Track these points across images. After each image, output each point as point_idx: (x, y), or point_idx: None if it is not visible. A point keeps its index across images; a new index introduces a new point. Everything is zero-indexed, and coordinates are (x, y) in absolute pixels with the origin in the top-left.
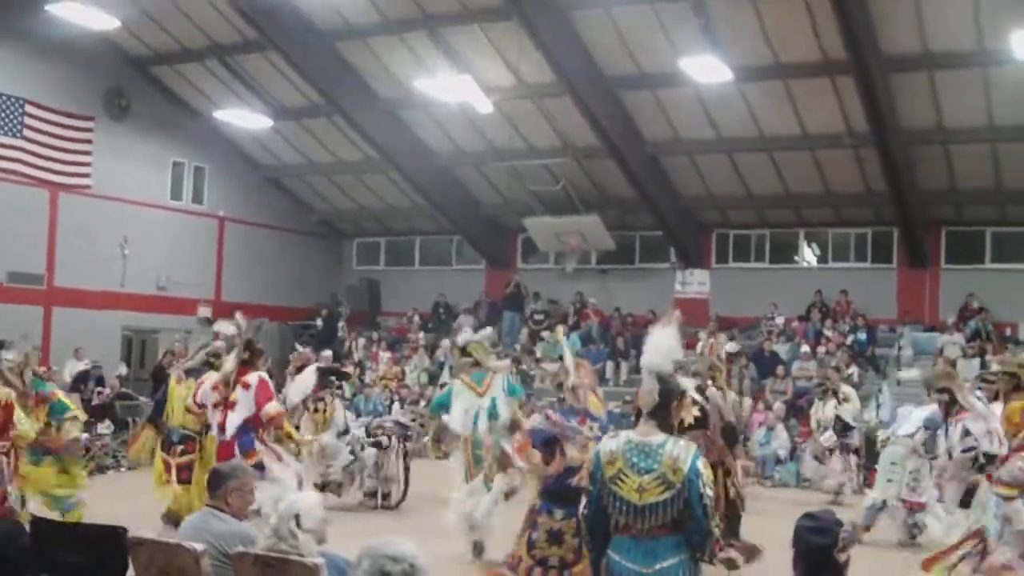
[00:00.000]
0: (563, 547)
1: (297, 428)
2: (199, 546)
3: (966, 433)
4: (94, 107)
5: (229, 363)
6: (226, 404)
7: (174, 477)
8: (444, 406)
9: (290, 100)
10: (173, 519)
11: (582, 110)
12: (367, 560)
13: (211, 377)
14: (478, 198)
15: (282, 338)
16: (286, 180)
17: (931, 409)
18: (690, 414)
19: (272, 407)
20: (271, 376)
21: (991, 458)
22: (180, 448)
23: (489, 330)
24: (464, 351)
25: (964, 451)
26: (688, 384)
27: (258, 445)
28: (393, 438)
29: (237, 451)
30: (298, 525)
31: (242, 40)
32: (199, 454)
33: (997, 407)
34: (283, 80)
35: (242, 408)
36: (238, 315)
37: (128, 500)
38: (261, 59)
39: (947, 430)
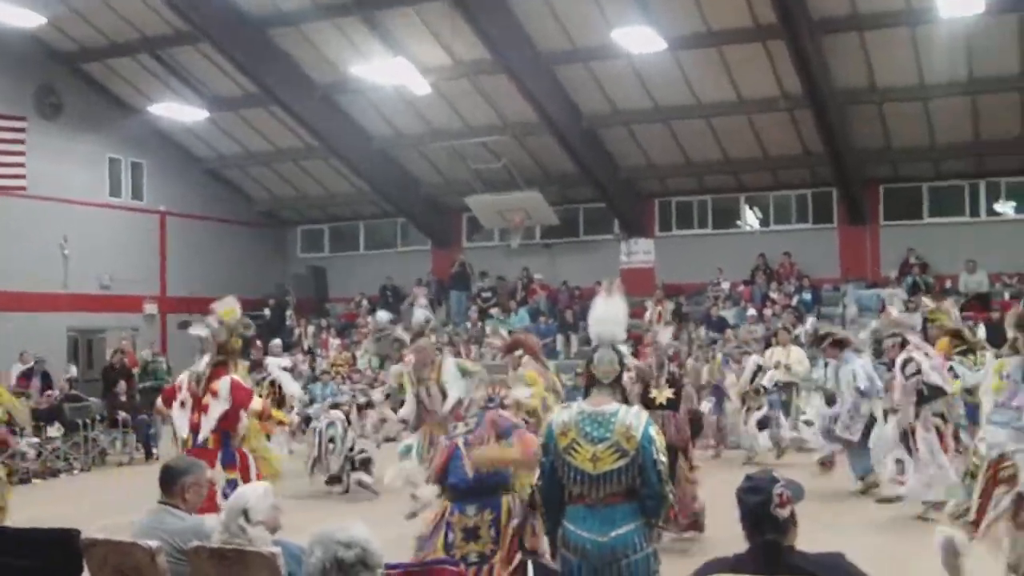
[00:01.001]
0: (479, 542)
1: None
2: (154, 543)
3: (908, 361)
4: (25, 107)
5: (201, 364)
6: (198, 405)
7: None
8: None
9: (225, 91)
10: None
11: (519, 87)
12: (319, 547)
13: (183, 374)
14: (420, 179)
15: None
16: (226, 171)
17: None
18: (663, 395)
19: (256, 403)
20: None
21: (934, 389)
22: None
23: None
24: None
25: (908, 377)
26: (628, 355)
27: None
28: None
29: (219, 464)
30: (247, 519)
31: (172, 32)
32: None
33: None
34: (217, 71)
35: (214, 411)
36: (222, 305)
37: (80, 502)
38: (193, 51)
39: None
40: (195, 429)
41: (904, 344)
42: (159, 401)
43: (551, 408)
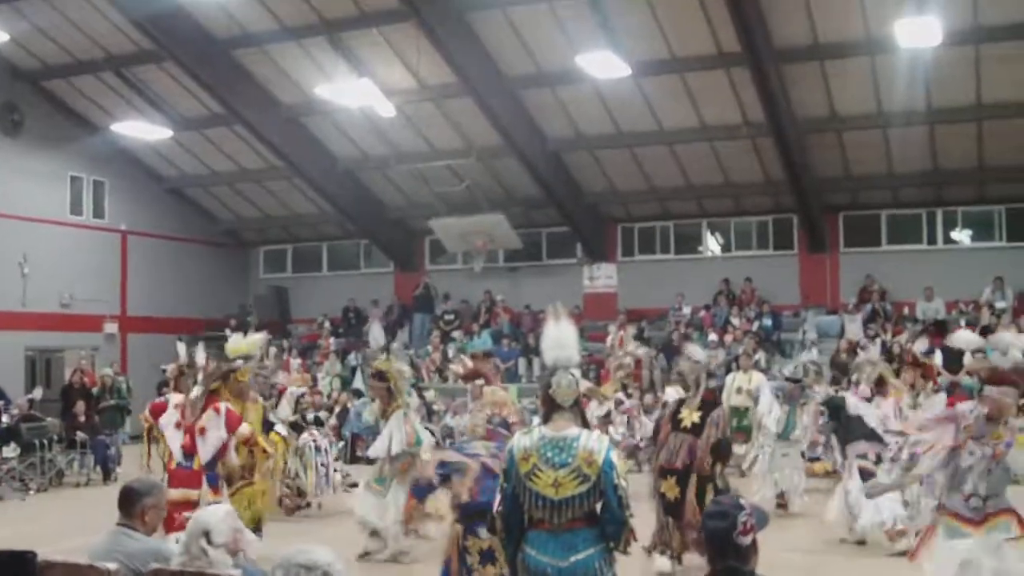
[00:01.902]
0: (497, 564)
1: None
2: (112, 566)
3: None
4: None
5: (197, 389)
6: (190, 428)
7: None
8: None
9: (189, 110)
10: None
11: (484, 110)
12: (280, 571)
13: (175, 398)
14: (384, 201)
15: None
16: (189, 191)
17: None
18: (692, 417)
19: (244, 428)
20: None
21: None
22: None
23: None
24: (381, 376)
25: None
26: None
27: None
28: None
29: (205, 484)
30: (209, 541)
31: (137, 50)
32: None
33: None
34: (181, 90)
35: (213, 434)
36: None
37: (36, 523)
38: (157, 70)
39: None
40: (187, 452)
41: (881, 382)
42: (146, 412)
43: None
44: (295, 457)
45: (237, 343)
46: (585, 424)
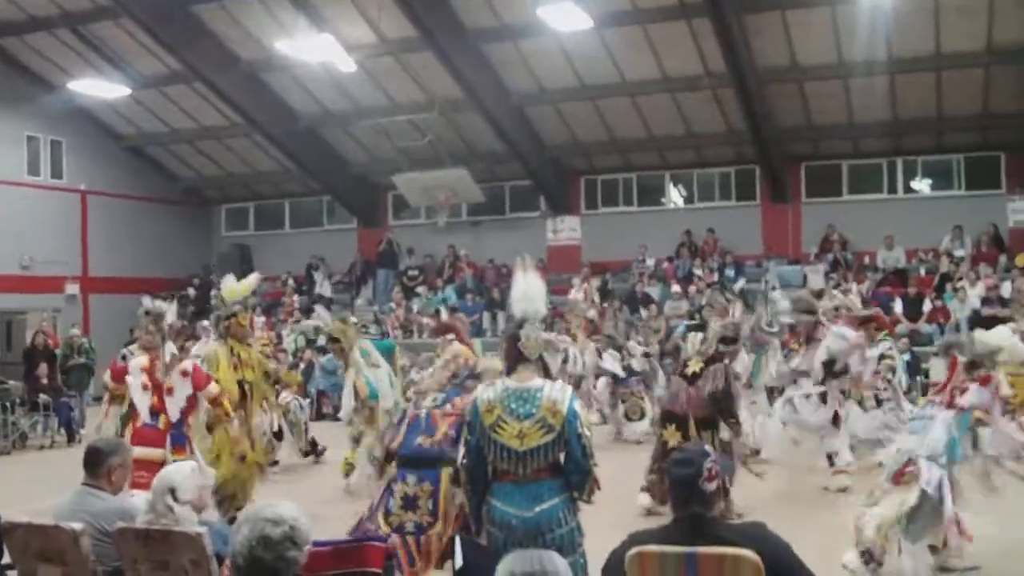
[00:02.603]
0: (418, 512)
1: None
2: (77, 525)
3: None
4: None
5: (170, 348)
6: (158, 388)
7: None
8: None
9: (148, 68)
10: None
11: (445, 64)
12: (246, 525)
13: (139, 357)
14: (346, 157)
15: None
16: (149, 149)
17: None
18: (695, 366)
19: (213, 387)
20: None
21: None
22: None
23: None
24: (332, 339)
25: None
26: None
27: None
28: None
29: (168, 444)
30: (175, 498)
31: (93, 7)
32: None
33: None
34: (139, 47)
35: (180, 393)
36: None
37: (1, 486)
38: (114, 27)
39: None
40: (154, 411)
41: (818, 324)
42: (106, 376)
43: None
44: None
45: (232, 287)
46: (548, 376)
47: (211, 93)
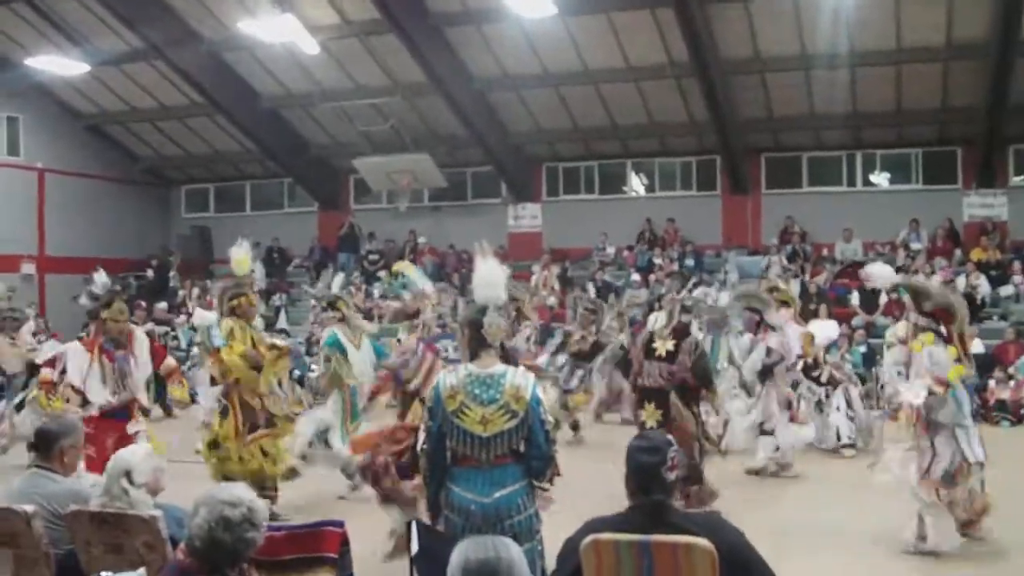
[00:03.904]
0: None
1: None
2: (29, 508)
3: (768, 352)
4: None
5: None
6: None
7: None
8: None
9: (108, 44)
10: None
11: (409, 48)
12: (204, 508)
13: (75, 346)
14: (308, 140)
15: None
16: (108, 128)
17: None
18: (665, 346)
19: (171, 361)
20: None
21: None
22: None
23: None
24: (332, 306)
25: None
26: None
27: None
28: None
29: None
30: (130, 481)
31: None
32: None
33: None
34: (99, 23)
35: (143, 370)
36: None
37: None
38: (72, 1)
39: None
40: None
41: (761, 320)
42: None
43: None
44: None
45: (241, 258)
46: (507, 361)
47: (172, 72)
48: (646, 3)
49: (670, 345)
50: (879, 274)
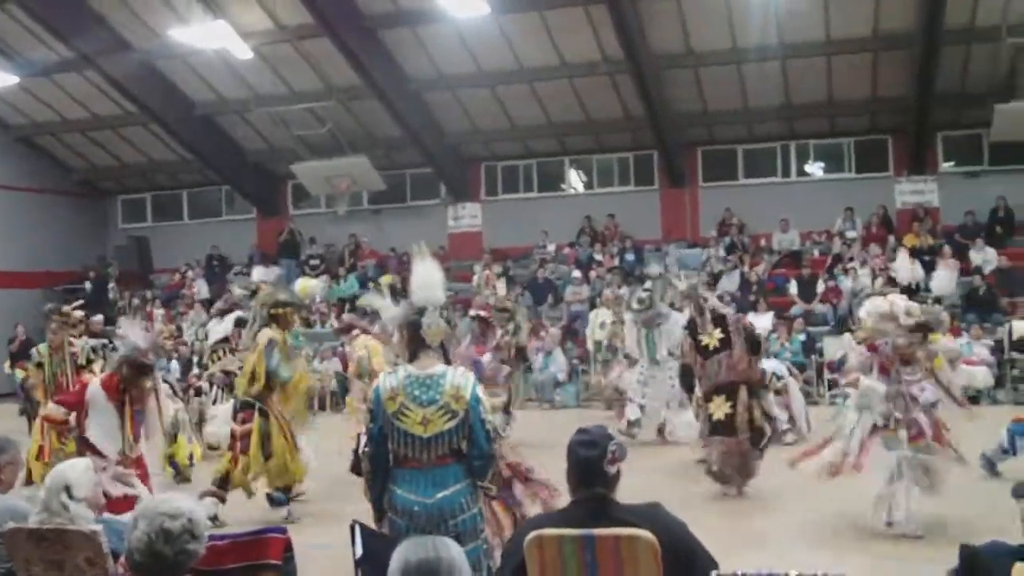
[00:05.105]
0: None
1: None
2: None
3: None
4: None
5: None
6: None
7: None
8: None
9: (37, 55)
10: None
11: (343, 51)
12: (143, 521)
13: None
14: (244, 146)
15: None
16: (39, 139)
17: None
18: (713, 339)
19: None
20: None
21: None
22: (240, 417)
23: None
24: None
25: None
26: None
27: None
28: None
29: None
30: (70, 496)
31: None
32: (257, 424)
33: None
34: (27, 34)
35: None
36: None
37: None
38: (1, 12)
39: None
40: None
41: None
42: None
43: None
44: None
45: (306, 284)
46: (448, 362)
47: (104, 81)
48: (579, 0)
49: (718, 335)
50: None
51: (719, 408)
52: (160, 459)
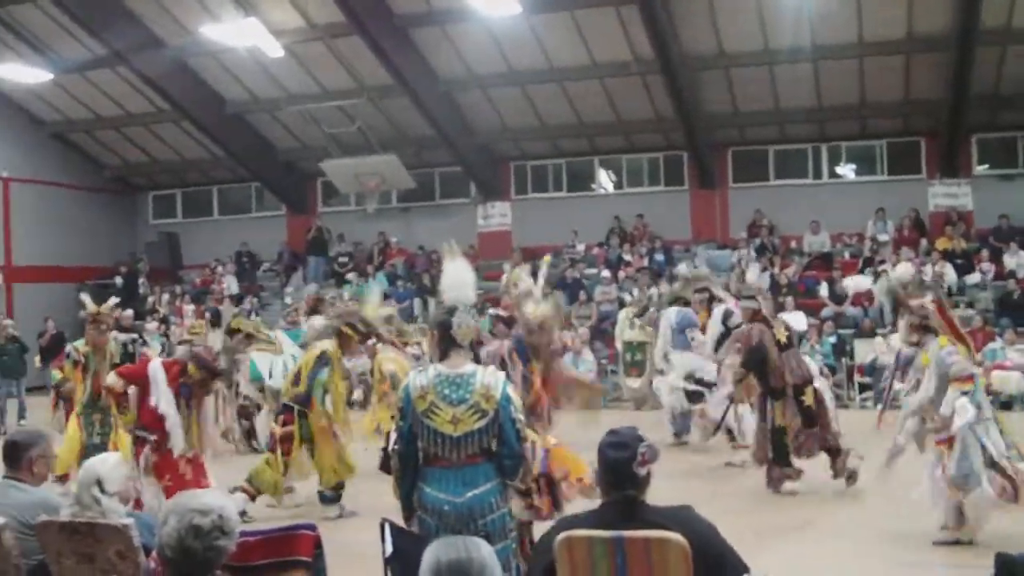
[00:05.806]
0: None
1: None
2: (0, 519)
3: (729, 313)
4: None
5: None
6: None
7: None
8: None
9: (71, 52)
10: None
11: (374, 49)
12: (174, 516)
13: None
14: (274, 144)
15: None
16: (73, 136)
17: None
18: (783, 335)
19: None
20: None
21: None
22: (281, 419)
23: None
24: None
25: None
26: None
27: None
28: None
29: None
30: (101, 490)
31: None
32: (298, 426)
33: None
34: (61, 31)
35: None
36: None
37: None
38: (34, 9)
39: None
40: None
41: (712, 300)
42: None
43: None
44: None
45: (374, 304)
46: (478, 361)
47: (136, 79)
48: (610, 0)
49: (784, 329)
50: (855, 285)
51: (809, 397)
52: None
